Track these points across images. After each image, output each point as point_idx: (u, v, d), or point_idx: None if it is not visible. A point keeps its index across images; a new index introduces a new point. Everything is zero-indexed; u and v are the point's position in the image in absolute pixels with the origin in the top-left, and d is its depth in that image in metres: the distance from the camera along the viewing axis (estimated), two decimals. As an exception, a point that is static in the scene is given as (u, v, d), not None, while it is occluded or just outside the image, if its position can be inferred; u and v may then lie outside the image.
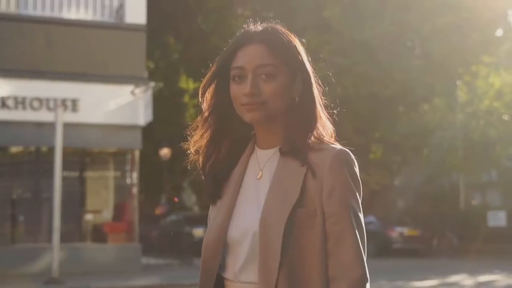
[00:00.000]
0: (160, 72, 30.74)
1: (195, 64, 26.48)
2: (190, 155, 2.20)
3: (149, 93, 19.52)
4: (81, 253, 18.70)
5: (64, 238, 16.99)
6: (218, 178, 2.14)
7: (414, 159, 29.16)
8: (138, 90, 19.06)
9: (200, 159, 2.17)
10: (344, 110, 2.38)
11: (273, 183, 2.03)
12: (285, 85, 2.04)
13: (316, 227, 1.97)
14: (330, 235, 1.97)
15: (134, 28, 19.54)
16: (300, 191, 1.98)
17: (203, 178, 2.18)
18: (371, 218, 26.41)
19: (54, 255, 15.91)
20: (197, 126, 2.17)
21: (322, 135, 2.08)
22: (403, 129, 27.56)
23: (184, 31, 31.60)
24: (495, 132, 24.78)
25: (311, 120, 2.08)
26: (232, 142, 2.15)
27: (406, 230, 25.38)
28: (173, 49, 31.88)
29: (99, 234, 19.87)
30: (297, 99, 2.07)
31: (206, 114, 2.14)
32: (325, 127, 2.11)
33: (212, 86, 2.13)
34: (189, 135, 2.20)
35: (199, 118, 2.17)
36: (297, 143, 2.03)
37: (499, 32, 31.41)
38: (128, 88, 19.07)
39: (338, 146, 2.07)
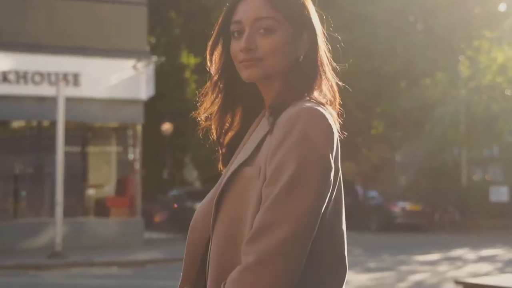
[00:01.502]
0: (162, 47, 30.64)
1: (197, 40, 26.35)
2: (201, 122, 2.04)
3: (151, 67, 19.45)
4: (84, 227, 18.74)
5: (66, 213, 17.00)
6: (232, 146, 2.00)
7: (416, 134, 29.13)
8: (140, 65, 18.99)
9: (213, 127, 2.01)
10: (346, 85, 2.13)
11: (243, 146, 1.90)
12: (285, 41, 1.87)
13: (257, 188, 1.76)
14: (262, 198, 1.73)
15: (135, 2, 19.44)
16: (254, 150, 1.83)
17: (216, 147, 2.03)
18: (374, 193, 26.47)
19: (57, 229, 15.94)
20: (207, 92, 2.01)
21: (313, 98, 1.85)
22: (405, 104, 27.48)
23: (185, 5, 31.44)
24: (498, 107, 24.73)
25: (311, 83, 1.89)
26: (245, 106, 2.00)
27: (408, 205, 25.41)
28: (174, 24, 31.75)
29: (101, 208, 19.90)
30: (301, 58, 1.90)
31: (215, 78, 1.99)
32: (321, 93, 1.91)
33: (219, 47, 1.99)
34: (198, 102, 2.04)
35: (208, 83, 2.01)
36: (280, 105, 1.82)
37: (502, 7, 31.21)
38: (130, 62, 18.99)
39: (311, 104, 1.80)
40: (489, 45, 25.62)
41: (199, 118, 2.05)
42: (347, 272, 1.84)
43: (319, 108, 1.78)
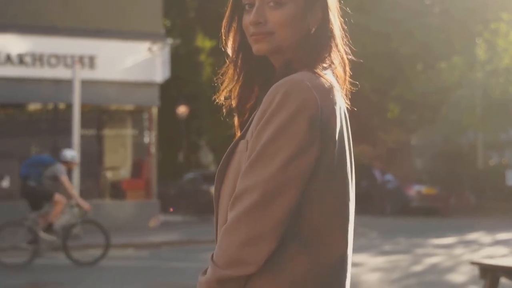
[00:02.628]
0: (177, 30, 30.61)
1: (212, 23, 26.29)
2: (222, 103, 2.03)
3: (166, 50, 19.45)
4: (99, 209, 18.80)
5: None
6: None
7: (432, 118, 28.99)
8: (155, 47, 19.00)
9: (233, 104, 2.00)
10: (362, 68, 2.10)
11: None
12: (295, 14, 1.85)
13: (243, 162, 1.78)
14: None
15: (150, -16, 19.43)
16: (249, 123, 1.85)
17: (237, 124, 2.02)
18: (389, 177, 26.40)
19: (73, 211, 16.01)
20: (226, 70, 2.01)
21: (313, 71, 1.82)
22: (421, 87, 27.34)
23: (200, -12, 31.37)
24: (515, 90, 24.55)
25: (319, 55, 1.88)
26: (263, 80, 1.98)
27: (423, 189, 25.34)
28: (189, 7, 31.70)
29: (117, 191, 20.00)
30: (313, 30, 1.88)
31: (233, 55, 1.99)
32: (332, 66, 1.90)
33: (234, 24, 1.97)
34: (218, 81, 2.03)
35: (227, 61, 2.01)
36: (283, 77, 1.81)
37: (520, -11, 30.89)
38: (145, 45, 19.01)
39: (301, 75, 1.78)
40: (506, 28, 25.38)
41: (219, 99, 2.04)
42: (347, 246, 1.82)
43: (305, 79, 1.76)
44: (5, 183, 19.07)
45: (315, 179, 1.75)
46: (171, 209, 10.58)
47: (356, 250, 13.99)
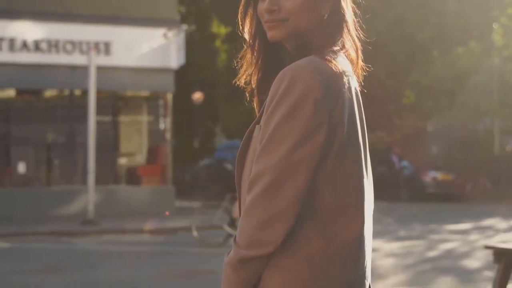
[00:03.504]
0: (192, 17, 30.60)
1: (227, 9, 26.25)
2: (245, 86, 2.07)
3: (182, 36, 19.45)
4: (115, 195, 18.93)
5: (98, 181, 17.20)
6: None
7: (448, 104, 28.85)
8: (170, 33, 19.01)
9: (253, 87, 2.05)
10: (377, 52, 2.13)
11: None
12: (308, 0, 1.89)
13: (258, 146, 1.83)
14: None
15: (166, -30, 19.42)
16: (263, 107, 1.89)
17: (257, 108, 2.06)
18: (405, 163, 26.31)
19: (89, 197, 16.16)
20: (244, 55, 2.05)
21: (323, 55, 1.86)
22: (438, 73, 27.19)
23: (215, -26, 31.29)
24: (532, 76, 24.37)
25: (331, 40, 1.92)
26: (280, 65, 1.98)
27: (439, 175, 25.25)
28: (204, -7, 31.64)
29: (133, 176, 20.08)
30: (325, 16, 1.92)
31: (250, 40, 2.03)
32: (344, 50, 1.93)
33: (250, 10, 2.02)
34: (238, 66, 2.08)
35: (245, 46, 2.05)
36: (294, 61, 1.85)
37: (538, -26, 30.61)
38: (161, 31, 19.02)
39: (309, 60, 1.82)
40: (524, 13, 25.20)
41: (239, 82, 2.07)
42: (363, 225, 1.86)
43: (311, 64, 1.80)
44: (22, 168, 19.21)
45: (327, 160, 1.79)
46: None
47: (371, 235, 14.04)
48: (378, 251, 11.98)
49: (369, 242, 1.92)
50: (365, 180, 1.88)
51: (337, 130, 1.80)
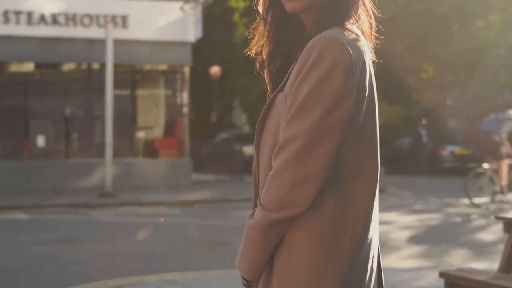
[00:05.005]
0: (209, -10, 30.48)
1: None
2: (256, 56, 2.13)
3: (199, 9, 19.42)
4: (133, 168, 19.05)
5: (116, 154, 17.31)
6: (280, 76, 2.07)
7: (467, 78, 28.63)
8: (187, 6, 18.99)
9: (264, 58, 2.10)
10: (396, 27, 2.17)
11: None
12: None
13: (284, 112, 1.89)
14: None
15: None
16: (286, 77, 1.94)
17: (267, 79, 2.11)
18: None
19: (107, 170, 16.26)
20: (257, 26, 2.11)
21: (343, 27, 1.93)
22: (457, 47, 26.97)
23: None
24: (552, 50, 24.11)
25: (347, 12, 1.97)
26: (292, 37, 2.08)
27: (457, 149, 25.14)
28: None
29: (150, 150, 20.19)
30: None
31: (263, 13, 2.09)
32: (359, 22, 1.99)
33: None
34: (250, 37, 2.13)
35: (258, 18, 2.11)
36: (314, 34, 1.91)
37: None
38: (178, 4, 19.00)
39: (334, 31, 1.89)
40: (544, -15, 24.89)
41: (250, 52, 2.13)
42: (377, 185, 1.94)
43: (339, 35, 1.86)
44: (40, 142, 19.36)
45: (352, 125, 1.87)
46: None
47: (387, 209, 14.00)
48: (393, 223, 12.01)
49: (377, 207, 1.98)
50: (378, 142, 1.97)
51: (361, 98, 1.88)
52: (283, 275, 1.87)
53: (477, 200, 14.25)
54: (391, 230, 11.22)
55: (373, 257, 1.95)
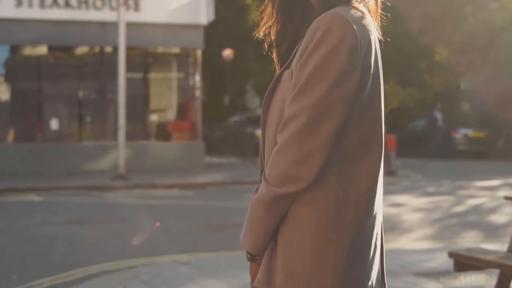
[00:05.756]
0: (222, -28, 30.38)
1: (257, -36, 26.02)
2: (264, 37, 2.14)
3: (211, -9, 19.41)
4: (146, 150, 19.13)
5: (129, 137, 17.38)
6: (288, 56, 2.09)
7: (481, 60, 28.43)
8: (199, -11, 18.96)
9: (272, 38, 2.12)
10: (409, 9, 2.16)
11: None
12: None
13: (290, 89, 1.89)
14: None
15: None
16: (293, 55, 1.96)
17: (276, 59, 2.13)
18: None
19: (120, 152, 16.33)
20: (265, 8, 2.12)
21: (350, 5, 1.93)
22: (471, 29, 26.78)
23: None
24: None
25: None
26: (300, 17, 2.10)
27: (470, 132, 25.05)
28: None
29: (163, 132, 20.25)
30: None
31: None
32: (363, 1, 1.99)
33: None
34: (258, 19, 2.15)
35: (266, 1, 2.12)
36: (320, 12, 1.91)
37: None
38: (190, -14, 18.98)
39: (340, 9, 1.89)
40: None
41: (258, 34, 2.14)
42: (381, 152, 1.95)
43: (345, 13, 1.87)
44: (54, 125, 19.45)
45: (357, 102, 1.88)
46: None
47: (399, 191, 14.00)
48: (405, 206, 12.02)
49: (381, 185, 1.99)
50: (383, 120, 1.98)
51: (366, 76, 1.88)
52: (286, 250, 1.88)
53: None
54: (403, 212, 11.23)
55: (376, 234, 1.95)
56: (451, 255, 4.61)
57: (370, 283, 1.92)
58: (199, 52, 20.04)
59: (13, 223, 10.19)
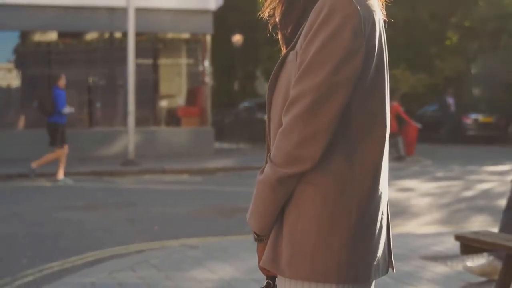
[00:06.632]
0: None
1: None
2: (269, 21, 2.15)
3: (220, -24, 19.38)
4: (155, 136, 19.18)
5: (139, 122, 17.43)
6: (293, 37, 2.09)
7: (492, 45, 28.31)
8: (208, -26, 18.93)
9: (277, 20, 2.12)
10: None
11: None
12: None
13: (295, 70, 1.91)
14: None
15: None
16: (298, 35, 1.96)
17: (280, 40, 2.13)
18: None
19: (130, 138, 16.39)
20: None
21: None
22: (481, 14, 26.65)
23: None
24: None
25: None
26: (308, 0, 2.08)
27: (480, 117, 24.98)
28: None
29: (172, 118, 20.29)
30: None
31: None
32: None
33: None
34: (263, 0, 2.15)
35: None
36: None
37: None
38: (199, -29, 18.96)
39: None
40: None
41: (263, 15, 2.15)
42: (386, 132, 1.96)
43: None
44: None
45: (362, 83, 1.89)
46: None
47: (408, 176, 14.00)
48: (414, 190, 12.03)
49: (386, 165, 2.00)
50: (387, 100, 1.98)
51: (370, 56, 1.89)
52: (292, 230, 1.90)
53: None
54: (412, 197, 11.25)
55: (382, 213, 1.97)
56: (457, 238, 4.62)
57: (376, 262, 1.93)
58: (208, 38, 20.04)
59: (24, 208, 10.27)
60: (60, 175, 13.68)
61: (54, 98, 13.46)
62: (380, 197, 1.96)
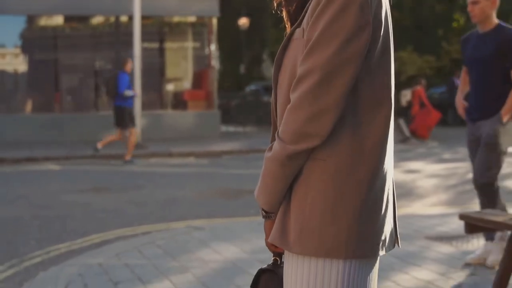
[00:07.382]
0: None
1: None
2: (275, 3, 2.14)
3: (226, -41, 19.31)
4: (162, 119, 19.21)
5: (145, 106, 17.45)
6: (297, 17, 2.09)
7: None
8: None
9: (283, 3, 2.11)
10: None
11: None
12: None
13: (301, 47, 1.91)
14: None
15: None
16: (304, 13, 1.96)
17: (286, 19, 2.12)
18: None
19: (137, 121, 16.41)
20: None
21: None
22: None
23: None
24: None
25: None
26: None
27: (487, 99, 24.90)
28: None
29: (179, 101, 20.30)
30: None
31: None
32: None
33: None
34: None
35: None
36: None
37: None
38: (204, -46, 18.90)
39: None
40: None
41: None
42: (392, 109, 1.96)
43: None
44: (71, 94, 19.54)
45: (369, 57, 1.89)
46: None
47: (414, 157, 13.99)
48: (420, 172, 12.04)
49: (391, 143, 2.01)
50: (393, 75, 1.99)
51: (377, 32, 1.90)
52: (300, 206, 1.91)
53: None
54: (417, 178, 11.26)
55: (388, 189, 1.98)
56: (462, 217, 4.64)
57: (383, 237, 1.94)
58: (214, 21, 20.00)
59: (32, 191, 10.33)
60: (128, 156, 13.92)
61: (118, 81, 13.66)
62: (386, 173, 1.96)
